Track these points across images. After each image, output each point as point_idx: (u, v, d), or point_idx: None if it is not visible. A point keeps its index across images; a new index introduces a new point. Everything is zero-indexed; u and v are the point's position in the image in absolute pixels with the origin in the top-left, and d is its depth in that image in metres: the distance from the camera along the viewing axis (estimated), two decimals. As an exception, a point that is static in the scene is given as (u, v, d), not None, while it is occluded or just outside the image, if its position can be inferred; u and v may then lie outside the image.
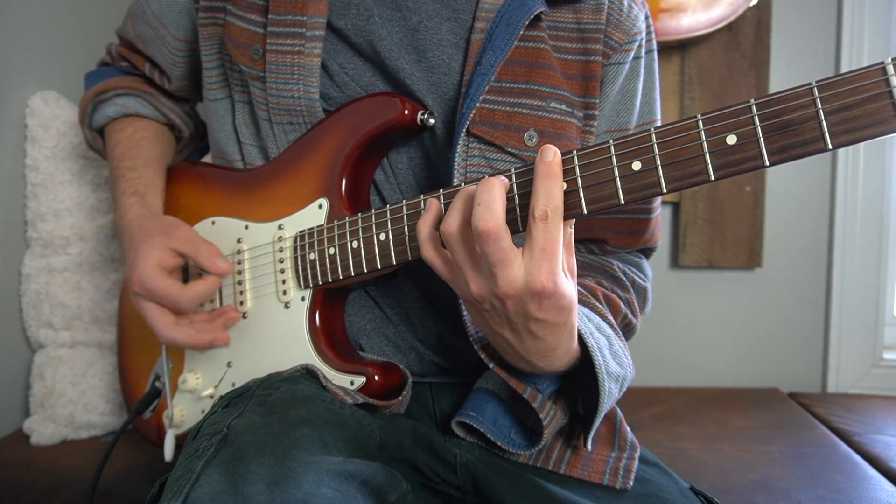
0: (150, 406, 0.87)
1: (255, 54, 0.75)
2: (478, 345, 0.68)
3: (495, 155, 0.71)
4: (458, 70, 0.73)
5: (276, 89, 0.74)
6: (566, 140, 0.73)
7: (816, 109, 0.47)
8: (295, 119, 0.76)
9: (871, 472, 1.04)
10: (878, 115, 0.45)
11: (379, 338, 0.78)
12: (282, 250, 0.76)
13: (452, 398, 0.78)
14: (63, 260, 1.18)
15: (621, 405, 0.76)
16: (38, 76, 1.23)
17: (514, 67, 0.71)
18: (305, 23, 0.73)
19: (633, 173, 0.54)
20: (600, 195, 0.55)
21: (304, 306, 0.74)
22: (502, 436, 0.70)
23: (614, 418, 0.76)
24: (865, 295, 1.54)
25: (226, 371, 0.79)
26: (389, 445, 0.67)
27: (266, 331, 0.77)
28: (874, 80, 0.45)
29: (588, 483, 0.69)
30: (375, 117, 0.72)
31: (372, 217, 0.68)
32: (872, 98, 0.45)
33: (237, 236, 0.81)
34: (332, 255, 0.71)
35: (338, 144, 0.73)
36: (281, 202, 0.77)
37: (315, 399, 0.65)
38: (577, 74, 0.74)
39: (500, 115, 0.71)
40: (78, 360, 1.16)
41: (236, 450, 0.55)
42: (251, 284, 0.79)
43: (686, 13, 1.43)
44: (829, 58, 1.52)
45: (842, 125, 0.46)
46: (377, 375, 0.70)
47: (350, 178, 0.74)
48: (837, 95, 0.46)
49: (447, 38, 0.73)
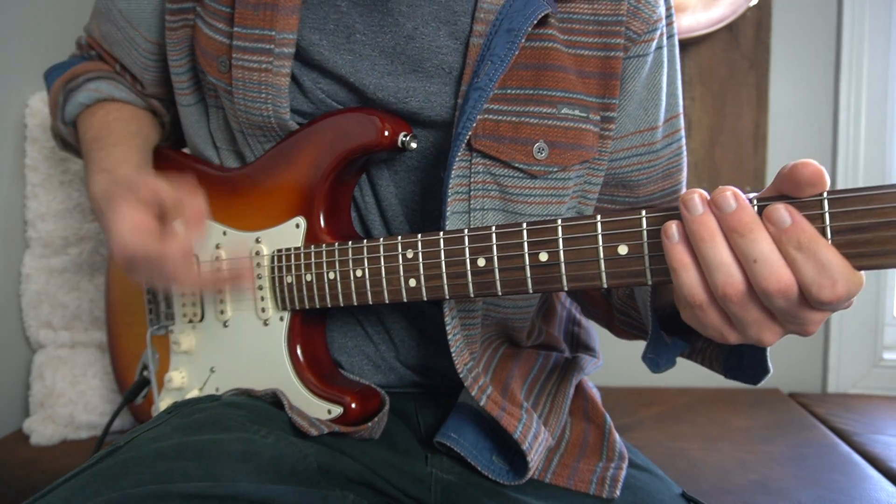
0: (140, 394, 0.88)
1: (223, 66, 0.69)
2: (468, 380, 0.65)
3: (502, 171, 0.65)
4: (456, 77, 0.67)
5: (245, 106, 0.69)
6: (581, 150, 0.66)
7: (824, 225, 0.42)
8: (268, 133, 0.71)
9: (871, 472, 1.04)
10: (890, 245, 0.40)
11: (359, 356, 0.76)
12: (259, 265, 0.73)
13: (436, 409, 0.75)
14: (63, 260, 1.18)
15: (620, 406, 0.76)
16: (38, 76, 1.23)
17: (519, 72, 0.64)
18: (274, 38, 0.66)
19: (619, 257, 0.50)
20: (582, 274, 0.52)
21: (283, 327, 0.72)
22: (483, 459, 0.67)
23: (603, 426, 0.75)
24: (865, 295, 1.54)
25: (209, 375, 0.78)
26: (334, 470, 0.65)
27: (245, 345, 0.75)
28: (892, 204, 0.39)
29: (574, 493, 0.67)
30: (353, 137, 0.67)
31: (349, 251, 0.65)
32: (887, 225, 0.39)
33: (216, 241, 0.77)
34: (309, 283, 0.68)
35: (315, 160, 0.69)
36: (258, 213, 0.74)
37: (236, 428, 0.63)
38: (595, 72, 0.66)
39: (504, 126, 0.64)
40: (78, 360, 1.16)
41: (108, 468, 0.55)
42: (230, 296, 0.76)
43: (686, 13, 1.43)
44: (828, 58, 1.52)
45: (848, 248, 0.41)
46: (354, 404, 0.68)
47: (327, 199, 0.70)
48: (850, 214, 0.41)
49: (446, 45, 0.66)
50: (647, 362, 0.58)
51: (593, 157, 0.68)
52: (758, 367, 0.55)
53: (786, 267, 0.42)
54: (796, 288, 0.42)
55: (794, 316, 0.44)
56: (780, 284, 0.42)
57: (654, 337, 0.57)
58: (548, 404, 0.74)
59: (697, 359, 0.63)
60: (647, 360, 0.58)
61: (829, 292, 0.41)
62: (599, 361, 0.87)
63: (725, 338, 0.47)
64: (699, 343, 0.62)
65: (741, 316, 0.45)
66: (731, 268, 0.43)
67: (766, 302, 0.43)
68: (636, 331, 0.72)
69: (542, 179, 0.66)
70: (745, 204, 0.43)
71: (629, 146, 0.71)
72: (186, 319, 0.80)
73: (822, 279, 0.41)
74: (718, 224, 0.43)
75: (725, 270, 0.43)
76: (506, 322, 0.75)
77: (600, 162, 0.69)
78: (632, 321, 0.69)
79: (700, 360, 0.63)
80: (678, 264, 0.45)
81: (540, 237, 0.54)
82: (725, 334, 0.47)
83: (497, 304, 0.73)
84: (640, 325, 0.65)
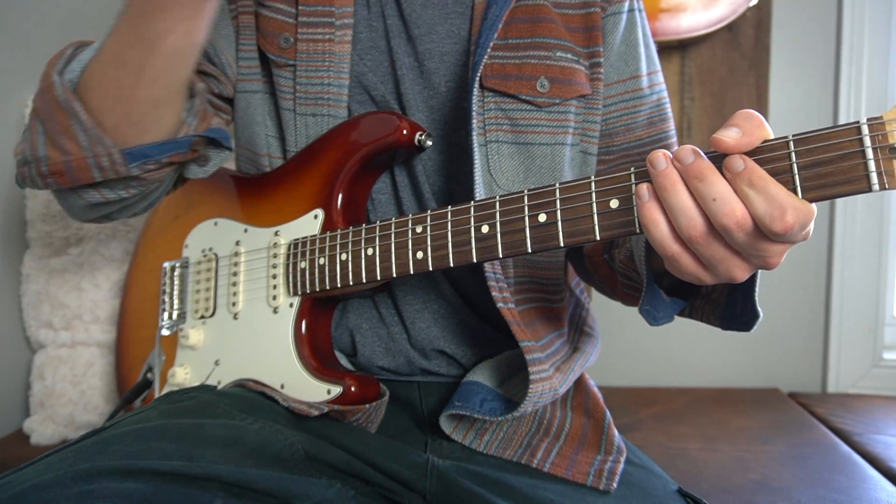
0: (140, 396, 0.88)
1: (285, 43, 0.78)
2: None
3: (510, 105, 0.75)
4: (465, 37, 0.77)
5: (306, 77, 0.77)
6: (578, 86, 0.76)
7: (791, 163, 0.48)
8: (319, 110, 0.78)
9: (871, 472, 1.04)
10: (850, 173, 0.46)
11: (373, 337, 0.79)
12: (276, 256, 0.77)
13: (440, 395, 0.79)
14: (63, 260, 1.18)
15: (620, 406, 0.77)
16: (38, 76, 1.23)
17: (518, 25, 0.75)
18: (334, 13, 0.77)
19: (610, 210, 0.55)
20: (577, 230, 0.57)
21: (292, 313, 0.75)
22: (487, 410, 0.70)
23: (602, 421, 0.77)
24: (865, 295, 1.54)
25: (213, 369, 0.80)
26: (321, 459, 0.67)
27: (253, 334, 0.78)
28: (849, 138, 0.46)
29: (571, 484, 0.69)
30: (375, 134, 0.74)
31: (362, 231, 0.70)
32: (846, 156, 0.46)
33: (236, 238, 0.83)
34: (322, 266, 0.73)
35: (338, 158, 0.76)
36: (280, 210, 0.80)
37: (222, 415, 0.66)
38: (579, 27, 0.78)
39: (510, 67, 0.74)
40: (78, 360, 1.16)
41: (88, 445, 0.57)
42: (244, 287, 0.80)
43: (686, 13, 1.43)
44: (828, 58, 1.52)
45: (814, 181, 0.47)
46: (354, 386, 0.71)
47: (347, 191, 0.76)
48: (812, 151, 0.47)
49: (454, 10, 0.78)
50: (643, 314, 0.63)
51: (588, 94, 0.78)
52: (749, 314, 0.60)
53: (740, 202, 0.47)
54: (751, 220, 0.47)
55: (754, 248, 0.48)
56: (735, 217, 0.47)
57: (648, 288, 0.62)
58: (557, 363, 0.76)
59: (696, 315, 0.68)
60: (644, 311, 0.62)
61: (779, 222, 0.46)
62: (597, 341, 0.89)
63: (702, 280, 0.52)
64: (697, 301, 0.67)
65: (708, 255, 0.50)
66: (692, 211, 0.49)
67: (727, 238, 0.48)
68: (638, 293, 0.74)
69: (546, 111, 0.75)
70: (701, 155, 0.49)
71: (616, 93, 0.81)
72: (198, 315, 0.84)
73: (773, 210, 0.46)
74: (680, 175, 0.49)
75: (688, 214, 0.49)
76: (536, 269, 0.79)
77: (596, 101, 0.79)
78: (633, 284, 0.73)
79: (699, 316, 0.68)
80: (649, 221, 0.51)
81: (539, 200, 0.59)
82: (701, 277, 0.52)
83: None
84: (642, 287, 0.68)
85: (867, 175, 0.45)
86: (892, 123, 0.45)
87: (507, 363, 0.78)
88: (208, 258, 0.85)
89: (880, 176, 0.45)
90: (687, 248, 0.51)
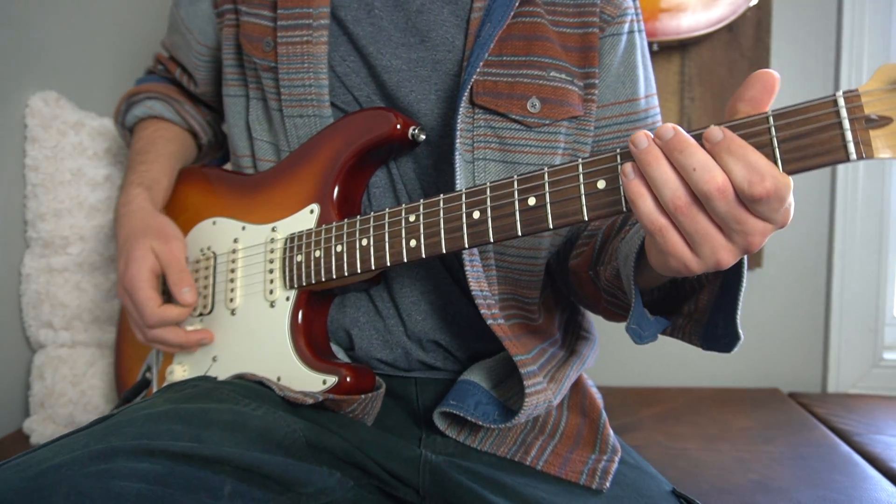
0: (140, 395, 0.89)
1: (267, 46, 0.80)
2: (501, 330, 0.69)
3: (500, 123, 0.75)
4: (460, 48, 0.77)
5: (288, 79, 0.79)
6: (569, 107, 0.76)
7: (771, 137, 0.49)
8: (305, 111, 0.79)
9: (871, 472, 1.05)
10: (828, 144, 0.47)
11: (370, 330, 0.80)
12: (272, 251, 0.78)
13: (436, 392, 0.79)
14: (63, 260, 1.18)
15: (620, 406, 0.77)
16: (38, 76, 1.24)
17: (513, 42, 0.75)
18: (311, 14, 0.79)
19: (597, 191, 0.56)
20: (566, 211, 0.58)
21: (288, 306, 0.77)
22: (481, 415, 0.71)
23: (598, 420, 0.77)
24: (865, 295, 1.54)
25: (211, 365, 0.82)
26: (322, 447, 0.68)
27: (250, 328, 0.79)
28: (826, 111, 0.47)
29: (565, 483, 0.69)
30: (369, 130, 0.75)
31: (357, 223, 0.72)
32: (824, 128, 0.47)
33: (234, 236, 0.84)
34: (318, 258, 0.74)
35: (333, 154, 0.77)
36: (277, 206, 0.81)
37: (227, 400, 0.68)
38: (576, 46, 0.77)
39: (502, 85, 0.74)
40: (78, 360, 1.17)
41: (99, 429, 0.59)
42: (242, 283, 0.82)
43: (686, 13, 1.43)
44: (828, 58, 1.52)
45: (794, 153, 0.48)
46: (349, 376, 0.72)
47: (342, 186, 0.77)
48: (791, 124, 0.48)
49: (449, 20, 0.77)
50: (630, 333, 0.63)
51: (580, 115, 0.78)
52: (731, 335, 0.61)
53: (720, 170, 0.49)
54: (731, 188, 0.48)
55: (737, 220, 0.49)
56: (716, 183, 0.48)
57: (636, 306, 0.62)
58: (550, 372, 0.76)
59: (678, 334, 0.69)
60: (631, 330, 0.63)
61: (759, 187, 0.47)
62: (595, 344, 0.89)
63: (689, 267, 0.53)
64: (679, 320, 0.68)
65: (691, 229, 0.51)
66: (675, 182, 0.50)
67: (709, 207, 0.49)
68: (622, 311, 0.75)
69: (536, 132, 0.75)
70: (680, 130, 0.51)
71: (611, 115, 0.80)
72: (196, 313, 0.85)
73: (752, 176, 0.47)
74: (661, 151, 0.51)
75: (671, 185, 0.50)
76: (515, 271, 0.79)
77: (587, 122, 0.78)
78: (618, 301, 0.73)
79: (680, 335, 0.68)
80: (635, 195, 0.52)
81: (529, 184, 0.60)
82: (688, 261, 0.52)
83: (503, 252, 0.77)
84: (626, 305, 0.69)
85: (844, 146, 0.47)
86: (867, 95, 0.46)
87: (503, 365, 0.78)
88: (206, 257, 0.86)
89: (857, 146, 0.46)
90: (672, 223, 0.52)
